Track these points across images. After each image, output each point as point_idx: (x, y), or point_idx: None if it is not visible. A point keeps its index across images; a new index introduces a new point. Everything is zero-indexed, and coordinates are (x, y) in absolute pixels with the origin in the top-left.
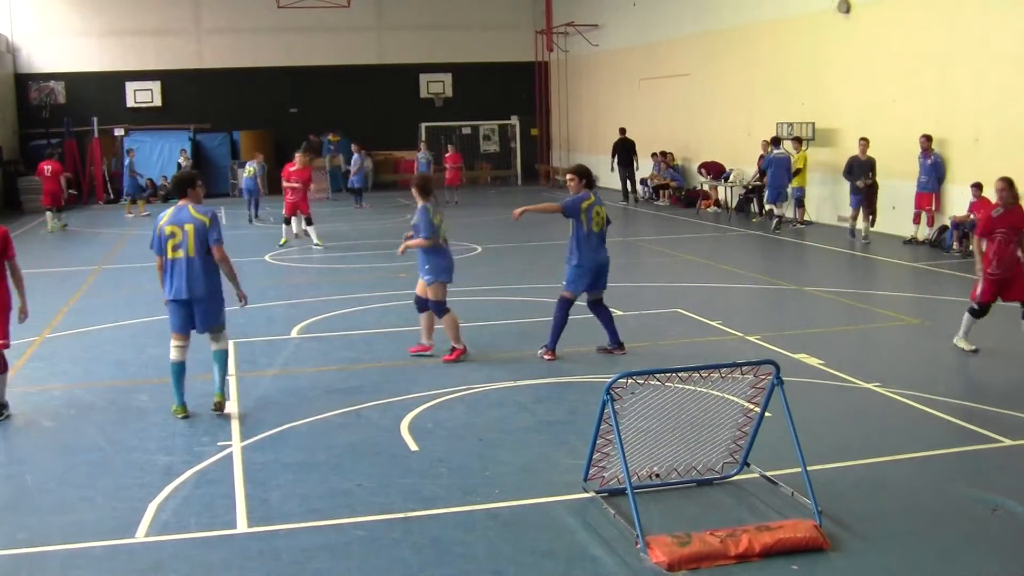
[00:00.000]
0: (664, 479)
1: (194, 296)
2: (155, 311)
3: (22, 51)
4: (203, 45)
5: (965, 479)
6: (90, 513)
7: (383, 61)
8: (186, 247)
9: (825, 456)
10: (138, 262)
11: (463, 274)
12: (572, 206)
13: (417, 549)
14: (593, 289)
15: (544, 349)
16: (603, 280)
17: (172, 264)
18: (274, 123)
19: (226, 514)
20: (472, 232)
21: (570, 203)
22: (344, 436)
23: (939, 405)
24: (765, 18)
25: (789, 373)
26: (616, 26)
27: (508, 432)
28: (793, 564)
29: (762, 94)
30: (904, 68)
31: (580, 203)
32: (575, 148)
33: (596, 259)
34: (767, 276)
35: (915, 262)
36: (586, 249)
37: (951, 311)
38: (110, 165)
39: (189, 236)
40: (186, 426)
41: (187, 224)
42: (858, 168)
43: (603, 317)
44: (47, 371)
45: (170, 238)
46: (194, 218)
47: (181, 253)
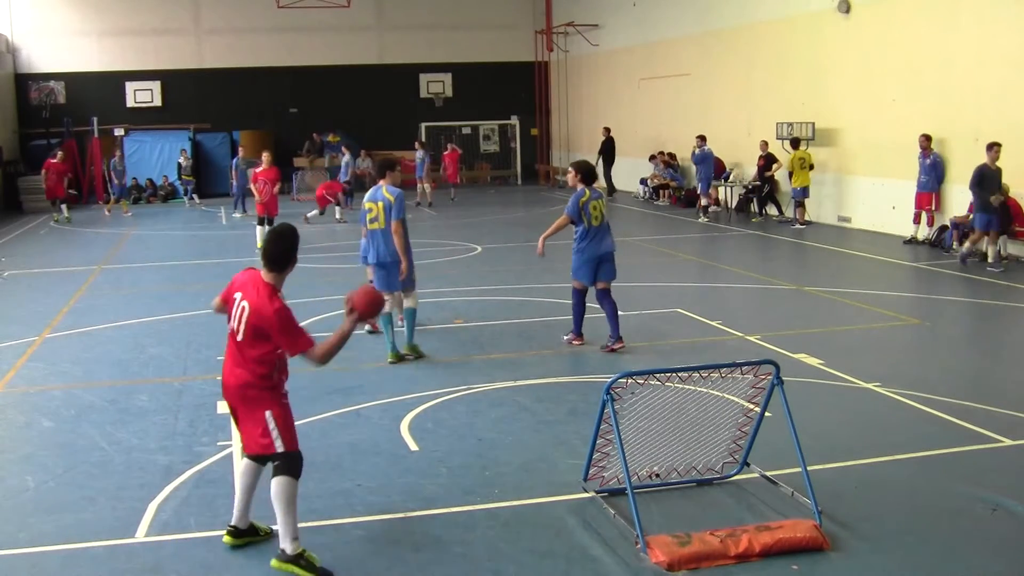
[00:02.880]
0: (664, 479)
1: (385, 261)
2: (155, 311)
3: (22, 51)
4: (203, 45)
5: (965, 479)
6: (90, 513)
7: (383, 61)
8: (379, 220)
9: (825, 456)
10: (139, 262)
11: (463, 274)
12: (573, 208)
13: (417, 549)
14: (599, 279)
15: (571, 335)
16: (608, 269)
17: (371, 234)
18: (274, 123)
19: (226, 514)
20: (472, 232)
21: (571, 208)
22: (344, 436)
23: (939, 405)
24: (765, 18)
25: (789, 373)
26: (616, 26)
27: (508, 432)
28: (793, 564)
29: (762, 94)
30: (904, 68)
31: (578, 202)
32: (575, 148)
33: (598, 250)
34: (767, 276)
35: (915, 262)
36: (589, 241)
37: (951, 311)
38: (110, 165)
39: (380, 212)
40: (186, 426)
41: (380, 202)
42: (990, 179)
43: (607, 308)
44: (47, 371)
45: (367, 212)
46: (385, 197)
47: (376, 225)
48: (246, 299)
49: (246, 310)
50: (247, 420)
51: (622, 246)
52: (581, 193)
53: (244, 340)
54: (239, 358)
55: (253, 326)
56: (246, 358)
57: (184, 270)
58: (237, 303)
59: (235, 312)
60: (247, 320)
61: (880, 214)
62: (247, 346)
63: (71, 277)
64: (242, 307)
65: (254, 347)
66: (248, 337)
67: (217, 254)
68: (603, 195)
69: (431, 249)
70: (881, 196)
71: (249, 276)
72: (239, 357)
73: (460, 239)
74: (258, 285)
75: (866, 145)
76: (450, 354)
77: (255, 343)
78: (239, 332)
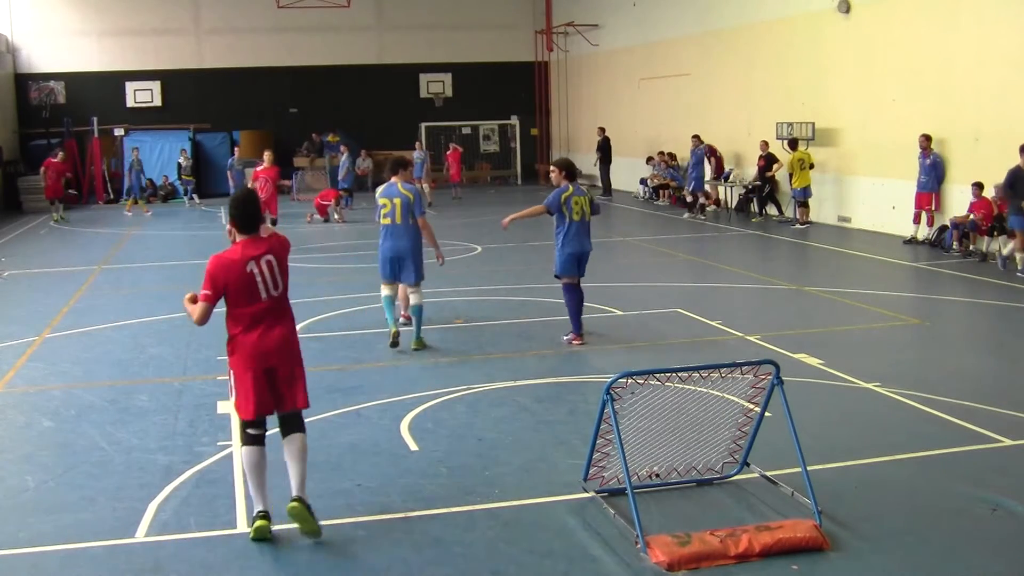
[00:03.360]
0: (664, 479)
1: (399, 254)
2: (155, 311)
3: (22, 51)
4: (203, 45)
5: (965, 479)
6: (90, 513)
7: (383, 61)
8: (394, 215)
9: (825, 456)
10: (139, 262)
11: (463, 274)
12: (553, 202)
13: (417, 549)
14: (581, 273)
15: (571, 335)
16: (584, 267)
17: (384, 229)
18: (274, 123)
19: (226, 514)
20: (472, 232)
21: (552, 199)
22: (344, 436)
23: (939, 405)
24: (765, 18)
25: (789, 373)
26: (616, 26)
27: (508, 432)
28: (793, 564)
29: (762, 94)
30: (904, 68)
31: (560, 196)
32: (575, 148)
33: (581, 245)
34: (767, 276)
35: (915, 262)
36: (571, 237)
37: (951, 311)
38: (110, 165)
39: (397, 207)
40: (186, 426)
41: (396, 198)
42: (1023, 182)
43: None
44: (47, 371)
45: (382, 208)
46: (402, 193)
47: (389, 220)
48: (267, 255)
49: (273, 263)
50: (297, 376)
51: (622, 246)
52: (564, 188)
53: (283, 291)
54: (280, 315)
55: (282, 265)
56: (285, 310)
57: (184, 270)
58: (259, 269)
59: (262, 278)
60: (279, 267)
61: (880, 214)
62: (284, 297)
63: (71, 277)
64: (267, 262)
65: (285, 295)
66: (285, 287)
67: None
68: (588, 193)
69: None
70: (881, 196)
71: (243, 246)
72: (279, 314)
73: (460, 239)
74: (259, 243)
75: (866, 145)
76: (450, 354)
77: (285, 291)
78: (277, 287)
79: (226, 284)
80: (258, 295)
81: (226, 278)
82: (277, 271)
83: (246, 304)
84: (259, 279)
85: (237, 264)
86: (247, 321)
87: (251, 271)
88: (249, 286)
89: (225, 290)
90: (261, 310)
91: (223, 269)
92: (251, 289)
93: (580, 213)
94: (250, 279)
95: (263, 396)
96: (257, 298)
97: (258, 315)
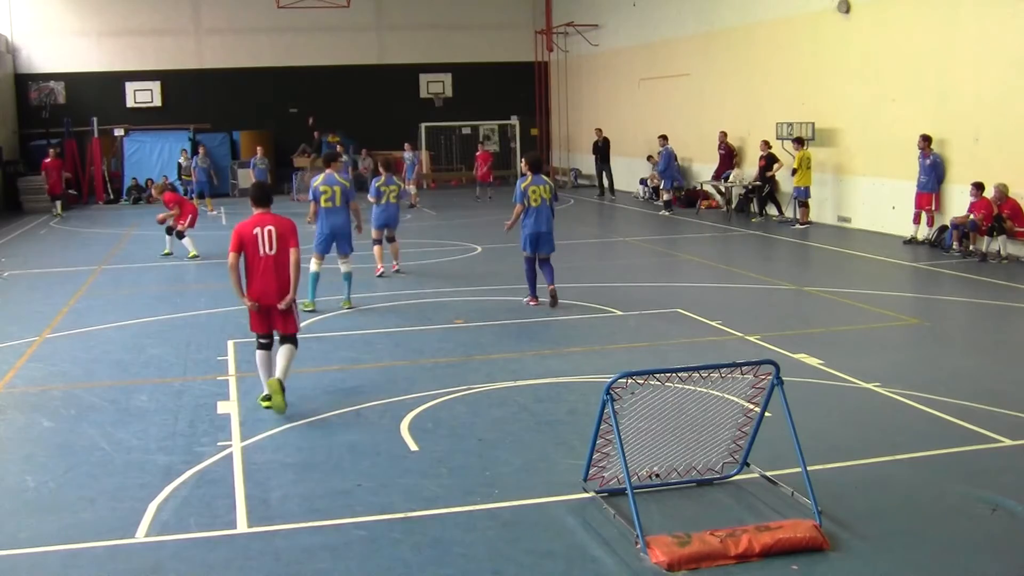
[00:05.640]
0: (664, 479)
1: (335, 231)
2: (155, 311)
3: (22, 51)
4: (203, 45)
5: (965, 479)
6: (90, 513)
7: (383, 61)
8: (334, 200)
9: (825, 456)
10: (138, 262)
11: (463, 275)
12: (517, 193)
13: (417, 549)
14: (539, 250)
15: (528, 298)
16: (546, 244)
17: (324, 211)
18: (274, 123)
19: (226, 514)
20: (471, 232)
21: (517, 193)
22: (344, 436)
23: (939, 405)
24: (765, 18)
25: (789, 373)
26: (616, 26)
27: (508, 432)
28: (793, 564)
29: (762, 94)
30: (904, 68)
31: (520, 186)
32: (575, 148)
33: (536, 227)
34: (767, 276)
35: (915, 262)
36: (528, 219)
37: (951, 311)
38: (110, 165)
39: (337, 193)
40: (186, 426)
41: (335, 186)
42: None
43: (546, 270)
44: (47, 371)
45: (323, 194)
46: (340, 182)
47: (331, 204)
48: (268, 225)
49: (273, 232)
50: (287, 312)
51: (622, 246)
52: (523, 179)
53: (277, 252)
54: (278, 267)
55: (281, 236)
56: (281, 264)
57: (184, 270)
58: (260, 234)
59: (262, 239)
60: (277, 236)
61: (880, 214)
62: (280, 253)
63: (71, 277)
64: (268, 231)
65: (283, 254)
66: (280, 247)
67: (218, 254)
68: (547, 182)
69: (431, 249)
70: (881, 196)
71: (255, 218)
72: (278, 267)
73: (460, 239)
74: (270, 216)
75: (866, 145)
76: (450, 354)
77: (282, 250)
78: (271, 247)
79: (241, 241)
80: (258, 252)
81: (241, 237)
82: (275, 238)
83: (252, 257)
84: (260, 241)
85: (248, 228)
86: (251, 270)
87: (256, 234)
88: (253, 245)
89: (241, 246)
90: (261, 264)
91: (239, 231)
92: (255, 247)
93: (538, 200)
94: (254, 240)
95: (261, 320)
96: (258, 254)
97: (259, 267)
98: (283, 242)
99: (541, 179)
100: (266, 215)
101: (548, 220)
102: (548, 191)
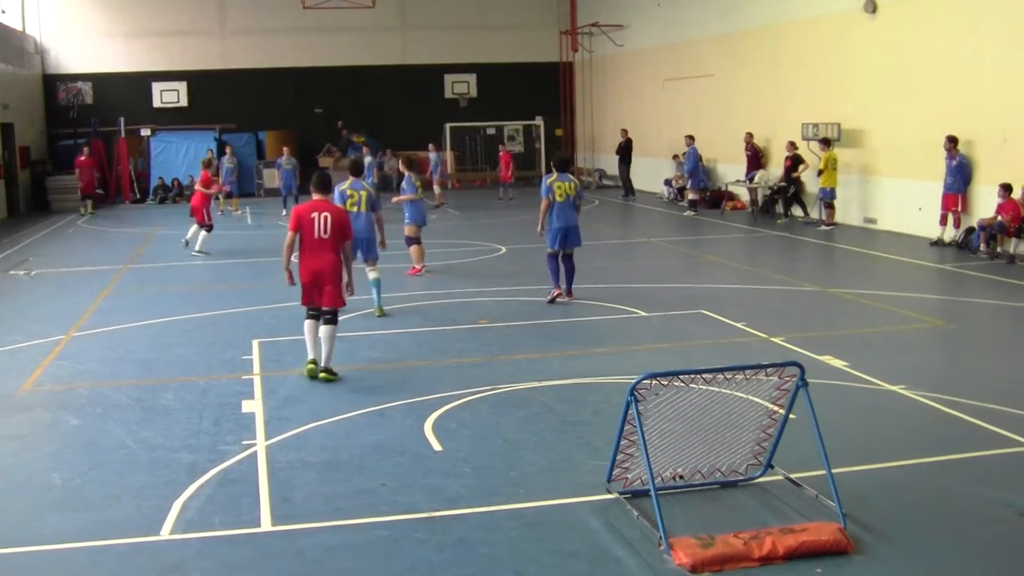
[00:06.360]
0: (688, 481)
1: (359, 236)
2: (180, 310)
3: (50, 52)
4: (228, 46)
5: (991, 483)
6: (115, 511)
7: (407, 61)
8: (359, 204)
9: (850, 458)
10: (164, 261)
11: (487, 274)
12: (543, 189)
13: (440, 549)
14: (566, 245)
15: (555, 289)
16: (572, 239)
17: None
18: (299, 123)
19: (250, 512)
20: (496, 233)
21: (543, 188)
22: (368, 436)
23: (965, 408)
24: (790, 18)
25: (814, 375)
26: (641, 26)
27: (532, 433)
28: (817, 567)
29: (787, 95)
30: (930, 68)
31: (546, 182)
32: (600, 148)
33: (563, 221)
34: (792, 277)
35: (941, 263)
36: (556, 215)
37: (977, 313)
38: (136, 165)
39: (362, 199)
40: (211, 425)
41: (361, 191)
42: None
43: (567, 267)
44: (73, 369)
45: (349, 198)
46: (366, 187)
47: (356, 208)
48: (325, 211)
49: (328, 219)
50: (335, 287)
51: (646, 247)
52: (549, 175)
53: (331, 236)
54: (329, 249)
55: (334, 224)
56: (334, 246)
57: (209, 270)
58: (317, 219)
59: (318, 224)
60: (332, 222)
61: (906, 215)
62: (334, 239)
63: (97, 276)
64: (324, 217)
65: (334, 240)
66: (334, 233)
67: (243, 253)
68: (571, 179)
69: (456, 249)
70: (907, 197)
71: (314, 203)
72: (329, 248)
73: (485, 239)
74: (327, 204)
75: (892, 146)
76: (474, 354)
77: (336, 236)
78: (326, 231)
79: (299, 222)
80: (313, 235)
81: (299, 219)
82: (329, 224)
83: (307, 238)
84: (316, 225)
85: (306, 212)
86: (305, 250)
87: (312, 217)
88: (309, 227)
89: (299, 226)
90: (315, 245)
91: (298, 213)
92: (310, 229)
93: (563, 196)
94: (311, 223)
95: (309, 293)
96: (312, 236)
97: (312, 248)
98: (336, 229)
99: (566, 176)
100: (323, 202)
101: (574, 215)
102: (573, 188)
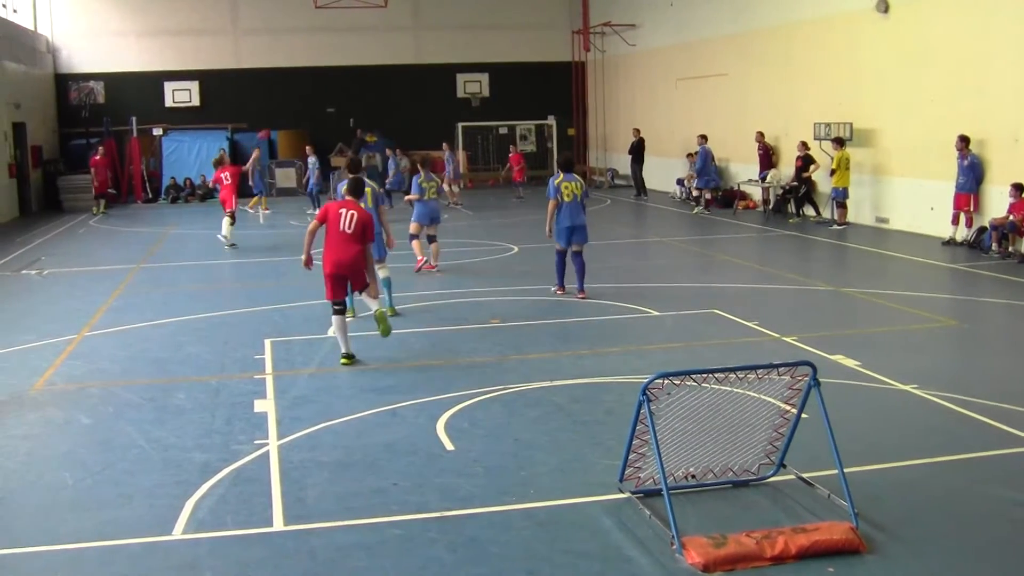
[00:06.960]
0: (700, 480)
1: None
2: (192, 310)
3: (62, 51)
4: (241, 45)
5: (1003, 482)
6: (128, 510)
7: (420, 61)
8: (365, 201)
9: (862, 458)
10: (176, 260)
11: (499, 274)
12: (550, 189)
13: (452, 548)
14: (573, 242)
15: (556, 287)
16: (579, 235)
17: None
18: (311, 123)
19: (262, 512)
20: (508, 232)
21: (549, 189)
22: (380, 435)
23: (977, 407)
24: (803, 18)
25: (826, 374)
26: (653, 26)
27: (544, 432)
28: (829, 566)
29: (800, 94)
30: (943, 68)
31: (553, 182)
32: (612, 148)
33: (570, 220)
34: (804, 277)
35: (953, 263)
36: (562, 213)
37: (989, 313)
38: (148, 164)
39: (367, 195)
40: (223, 424)
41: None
42: None
43: (577, 265)
44: (86, 369)
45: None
46: (370, 184)
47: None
48: (352, 210)
49: (355, 216)
50: (359, 275)
51: (658, 246)
52: (556, 176)
53: (355, 231)
54: (352, 244)
55: (359, 223)
56: (357, 241)
57: (221, 269)
58: (344, 215)
59: (345, 219)
60: (356, 221)
61: (918, 215)
62: (357, 236)
63: (110, 276)
64: (351, 214)
65: (356, 237)
66: (357, 231)
67: (256, 253)
68: (577, 179)
69: (468, 249)
70: (919, 197)
71: (344, 202)
72: (353, 243)
73: (497, 239)
74: (353, 204)
75: (904, 146)
76: (486, 354)
77: (359, 233)
78: (350, 227)
79: (327, 215)
80: (338, 227)
81: (327, 212)
82: (355, 222)
83: (332, 230)
84: (343, 219)
85: (336, 207)
86: (330, 241)
87: (340, 213)
88: (336, 220)
89: (326, 218)
90: (339, 237)
91: (328, 207)
92: (336, 222)
93: (570, 195)
94: (338, 217)
95: (335, 287)
96: (337, 228)
97: (337, 240)
98: (359, 228)
99: (572, 176)
100: (353, 203)
101: (581, 214)
102: (579, 187)
